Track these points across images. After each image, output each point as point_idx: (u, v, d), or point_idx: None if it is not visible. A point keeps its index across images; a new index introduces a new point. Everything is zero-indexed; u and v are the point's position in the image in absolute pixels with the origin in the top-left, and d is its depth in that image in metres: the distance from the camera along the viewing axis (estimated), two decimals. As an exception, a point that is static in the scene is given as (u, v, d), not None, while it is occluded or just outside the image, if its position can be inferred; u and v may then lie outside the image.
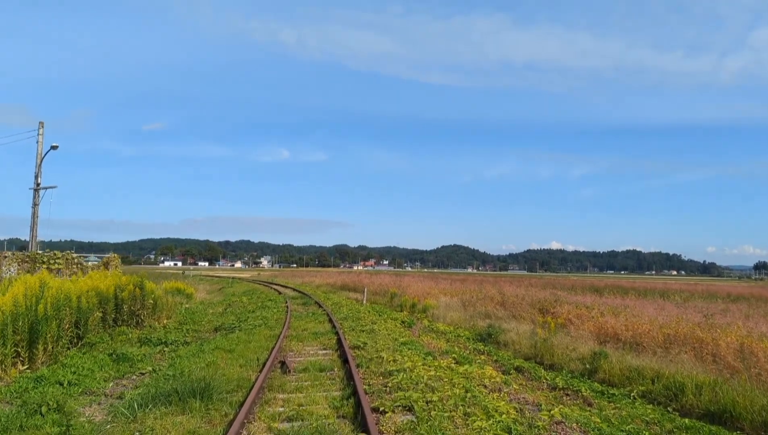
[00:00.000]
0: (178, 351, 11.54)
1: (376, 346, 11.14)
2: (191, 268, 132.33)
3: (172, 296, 23.65)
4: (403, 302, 32.40)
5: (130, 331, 13.51)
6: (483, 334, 20.27)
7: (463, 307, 28.22)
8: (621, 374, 13.37)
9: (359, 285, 49.18)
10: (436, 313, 26.97)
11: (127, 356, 10.26)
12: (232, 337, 12.92)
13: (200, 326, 16.39)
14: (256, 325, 14.85)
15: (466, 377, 8.50)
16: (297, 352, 10.90)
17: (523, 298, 26.22)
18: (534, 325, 20.59)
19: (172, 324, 15.99)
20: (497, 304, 26.89)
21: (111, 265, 24.55)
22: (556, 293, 27.05)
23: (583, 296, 29.94)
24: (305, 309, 21.88)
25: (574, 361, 15.37)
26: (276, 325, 15.09)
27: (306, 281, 60.53)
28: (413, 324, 17.15)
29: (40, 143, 29.21)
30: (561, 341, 16.87)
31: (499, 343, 19.13)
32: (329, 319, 16.35)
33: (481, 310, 25.77)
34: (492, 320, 23.25)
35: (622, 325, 17.67)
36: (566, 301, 23.59)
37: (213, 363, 9.24)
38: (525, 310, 23.08)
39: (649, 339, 16.17)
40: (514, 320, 21.92)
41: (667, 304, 25.99)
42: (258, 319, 16.53)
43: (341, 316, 17.09)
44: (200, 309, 21.53)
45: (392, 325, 16.39)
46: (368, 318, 17.16)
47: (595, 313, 20.80)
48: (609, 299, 28.68)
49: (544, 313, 22.37)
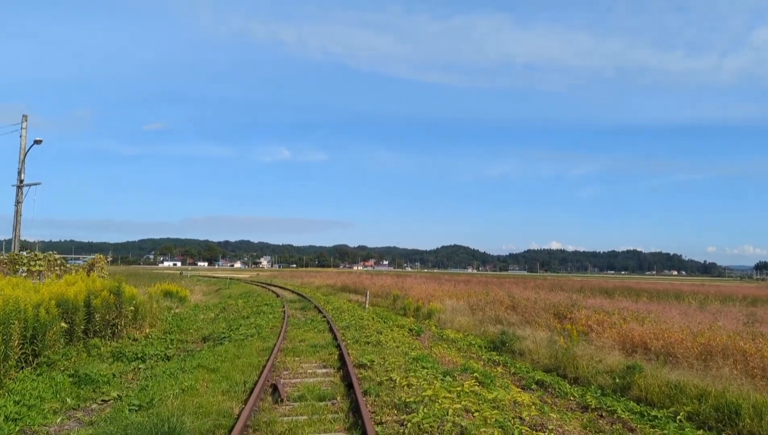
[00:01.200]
0: (155, 369, 10.00)
1: (384, 363, 9.58)
2: (189, 269, 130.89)
3: (161, 301, 22.10)
4: (406, 305, 30.87)
5: (104, 344, 11.93)
6: (496, 341, 18.74)
7: (471, 312, 26.68)
8: (660, 392, 11.83)
9: (360, 286, 47.62)
10: (442, 318, 25.43)
11: (90, 377, 8.69)
12: (219, 350, 11.38)
13: (187, 335, 14.84)
14: (248, 335, 13.29)
15: (498, 407, 6.99)
16: (292, 371, 9.33)
17: (536, 301, 24.68)
18: (551, 332, 19.06)
19: (156, 333, 14.41)
20: (507, 308, 25.35)
21: (96, 267, 23.00)
22: (571, 297, 25.46)
23: (595, 299, 28.37)
24: (303, 314, 20.36)
25: (602, 374, 13.84)
26: (270, 335, 13.56)
27: (305, 282, 58.91)
28: (421, 332, 15.63)
29: (23, 137, 27.67)
30: (584, 351, 15.35)
31: (514, 352, 17.60)
32: (330, 328, 14.82)
33: (490, 315, 24.25)
34: (504, 326, 21.71)
35: (650, 333, 16.13)
36: (583, 305, 22.02)
37: (191, 388, 7.70)
38: (539, 316, 21.55)
39: (683, 349, 14.62)
40: (528, 326, 20.39)
41: (689, 308, 24.43)
42: (251, 327, 14.99)
43: (343, 325, 15.58)
44: (191, 314, 19.96)
45: (399, 335, 14.81)
46: (372, 326, 15.60)
47: (616, 319, 19.26)
48: (624, 302, 27.15)
49: (561, 318, 20.83)
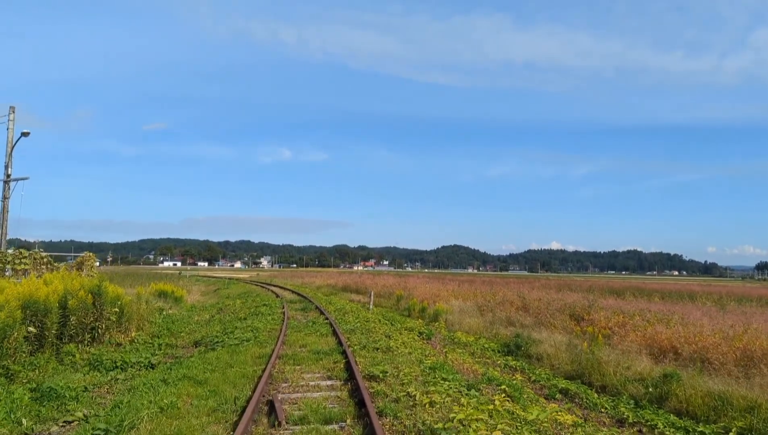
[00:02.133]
0: (135, 380, 8.77)
1: (398, 374, 8.35)
2: (188, 269, 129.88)
3: (154, 301, 20.86)
4: (411, 306, 29.65)
5: (81, 351, 10.69)
6: (510, 345, 17.52)
7: (479, 313, 25.45)
8: (703, 403, 10.61)
9: (361, 286, 46.43)
10: (450, 319, 24.20)
11: (56, 392, 7.45)
12: (210, 357, 10.14)
13: (177, 340, 13.60)
14: (244, 340, 12.04)
15: (539, 431, 5.76)
16: (292, 384, 8.08)
17: (548, 302, 23.43)
18: (569, 335, 17.83)
19: (143, 337, 13.15)
20: (518, 309, 24.12)
21: (86, 266, 21.76)
22: (588, 297, 24.20)
23: (607, 299, 27.10)
24: (304, 316, 19.13)
25: (632, 382, 12.61)
26: (268, 339, 12.32)
27: (306, 282, 57.65)
28: (432, 335, 14.41)
29: (10, 130, 26.41)
30: (609, 356, 14.12)
31: (531, 357, 16.38)
32: (333, 331, 13.58)
33: (501, 316, 23.01)
34: (516, 328, 20.48)
35: (680, 337, 14.90)
36: (600, 306, 20.78)
37: (171, 407, 6.47)
38: (554, 317, 20.30)
39: (718, 355, 13.38)
40: (543, 329, 19.16)
41: (710, 310, 23.19)
42: (248, 330, 13.75)
43: (348, 328, 14.34)
44: (184, 316, 18.71)
45: (409, 339, 13.56)
46: (379, 329, 14.35)
47: (638, 321, 18.04)
48: (640, 303, 25.92)
49: (578, 320, 19.60)
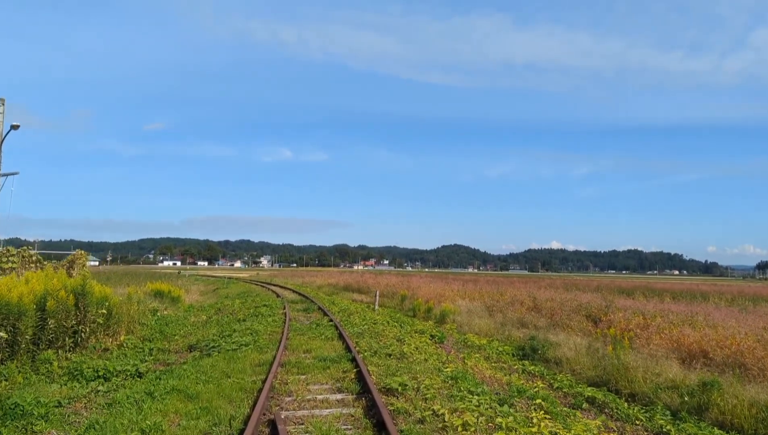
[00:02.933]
0: (118, 392, 7.73)
1: (418, 386, 7.34)
2: (188, 268, 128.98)
3: (148, 301, 19.85)
4: (416, 306, 28.64)
5: (60, 358, 9.67)
6: (525, 348, 16.52)
7: (488, 313, 24.46)
8: (750, 415, 9.62)
9: (363, 286, 45.45)
10: (458, 320, 23.21)
11: (22, 409, 6.40)
12: (205, 364, 9.13)
13: (170, 344, 12.58)
14: (242, 344, 11.02)
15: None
16: (297, 398, 7.08)
17: (562, 302, 22.41)
18: (588, 337, 16.84)
19: (134, 341, 12.10)
20: (529, 309, 23.13)
21: (77, 264, 20.74)
22: (605, 297, 23.18)
23: (620, 300, 26.09)
24: (307, 317, 18.13)
25: (665, 390, 11.62)
26: (269, 343, 11.32)
27: (306, 281, 56.62)
28: (444, 338, 13.40)
29: (0, 123, 25.34)
30: (636, 361, 13.12)
31: (549, 361, 15.38)
32: (339, 335, 12.56)
33: (512, 317, 22.02)
34: (529, 330, 19.49)
35: (710, 340, 13.91)
36: (618, 307, 19.77)
37: (155, 428, 5.48)
38: (570, 318, 19.30)
39: (754, 360, 12.40)
40: (560, 331, 18.17)
41: (729, 310, 22.21)
42: (247, 333, 12.74)
43: (355, 330, 13.31)
44: (180, 317, 17.70)
45: (420, 342, 12.54)
46: (389, 332, 13.33)
47: (661, 323, 17.05)
48: (655, 304, 24.91)
49: (595, 322, 18.62)
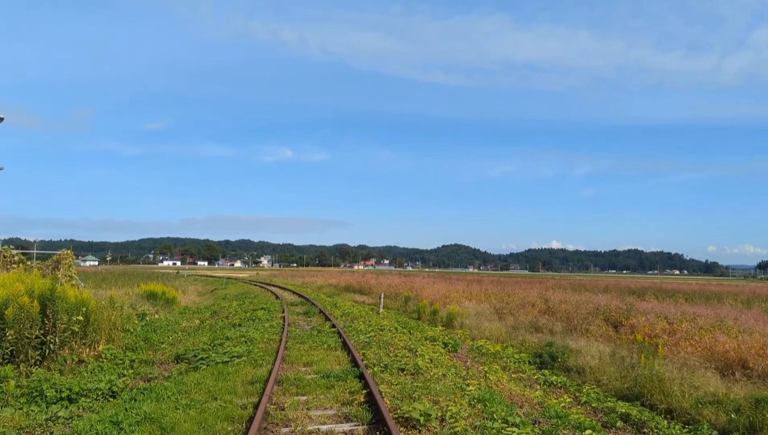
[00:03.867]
0: (81, 419, 6.41)
1: (442, 414, 6.11)
2: (187, 268, 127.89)
3: (139, 304, 18.63)
4: (420, 308, 27.44)
5: (22, 374, 8.41)
6: (543, 355, 15.30)
7: (498, 316, 23.24)
8: (815, 438, 8.42)
9: (365, 286, 44.26)
10: (467, 324, 21.98)
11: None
12: (189, 381, 7.90)
13: (156, 353, 11.33)
14: (234, 355, 9.78)
15: None
16: (296, 430, 5.83)
17: (577, 305, 21.17)
18: (611, 343, 15.63)
19: (114, 351, 10.80)
20: (541, 312, 21.92)
21: (63, 265, 19.52)
22: (625, 299, 21.94)
23: (636, 301, 24.86)
24: (307, 322, 16.93)
25: (706, 405, 10.40)
26: (265, 354, 10.10)
27: (307, 282, 55.41)
28: (457, 346, 12.19)
29: (-16, 116, 24.05)
30: (671, 372, 11.90)
31: (570, 370, 14.16)
32: (343, 343, 11.33)
33: (524, 321, 20.81)
34: (544, 335, 18.28)
35: (749, 348, 12.71)
36: (639, 310, 18.54)
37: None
38: (589, 322, 18.07)
39: (803, 370, 11.21)
40: (579, 336, 16.96)
41: (755, 313, 20.96)
42: (241, 341, 11.52)
43: (361, 339, 12.04)
44: (171, 322, 16.47)
45: (434, 352, 11.28)
46: (399, 340, 12.08)
47: (687, 328, 15.84)
48: (675, 306, 23.66)
49: (616, 326, 17.40)
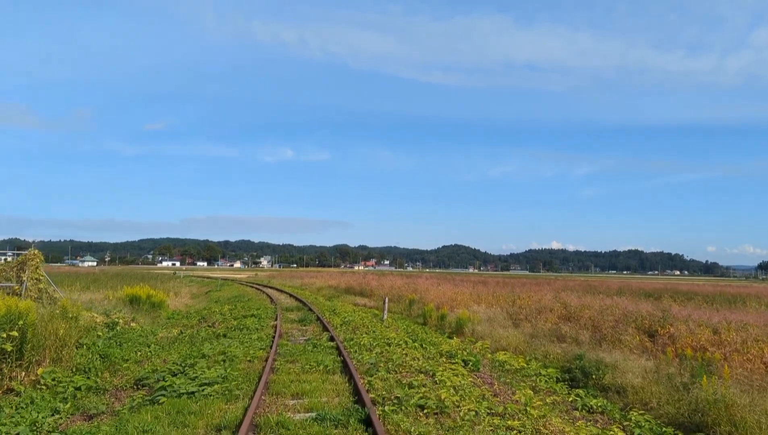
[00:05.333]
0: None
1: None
2: (184, 269, 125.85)
3: (118, 311, 16.62)
4: (426, 312, 25.45)
5: None
6: (573, 370, 13.28)
7: (512, 322, 21.22)
8: None
9: (366, 288, 42.23)
10: (479, 331, 19.96)
11: None
12: (137, 425, 5.85)
13: (113, 377, 9.20)
14: (205, 383, 7.61)
15: None
16: None
17: (601, 311, 19.14)
18: (651, 356, 13.61)
19: (58, 374, 8.65)
20: (561, 318, 19.91)
21: (29, 266, 17.48)
22: (659, 304, 19.89)
23: (675, 307, 22.86)
24: (302, 332, 14.94)
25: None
26: (245, 380, 8.04)
27: (306, 283, 53.33)
28: (479, 363, 10.19)
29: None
30: (740, 396, 9.89)
31: (607, 390, 12.14)
32: (343, 364, 9.18)
33: (543, 328, 18.77)
34: (569, 345, 16.25)
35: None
36: (676, 316, 16.51)
37: None
38: (618, 330, 16.03)
39: None
40: (610, 347, 14.93)
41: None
42: (219, 360, 9.46)
43: (365, 358, 9.82)
44: (146, 331, 14.41)
45: (454, 373, 9.13)
46: (411, 359, 9.91)
47: (736, 338, 13.84)
48: (707, 312, 21.64)
49: (651, 335, 15.39)
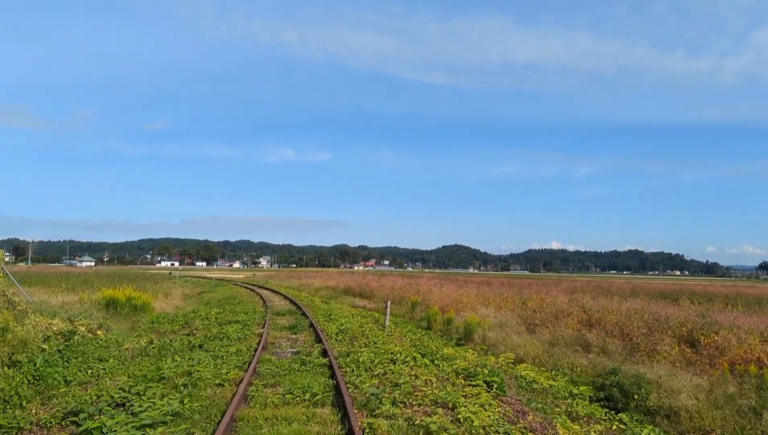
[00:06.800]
0: None
1: None
2: (180, 269, 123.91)
3: (86, 316, 14.70)
4: (430, 316, 23.53)
5: None
6: (608, 388, 11.34)
7: (526, 328, 19.27)
8: None
9: (366, 289, 40.26)
10: (491, 338, 18.02)
11: None
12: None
13: (41, 408, 7.08)
14: (148, 423, 5.44)
15: None
16: None
17: (628, 315, 17.17)
18: (698, 370, 11.66)
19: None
20: (581, 323, 17.97)
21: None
22: (700, 310, 17.88)
23: (718, 313, 20.92)
24: (291, 343, 13.00)
25: None
26: (203, 418, 5.95)
27: (304, 283, 51.34)
28: (503, 385, 8.26)
29: None
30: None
31: (654, 413, 10.20)
32: (336, 393, 7.12)
33: (563, 335, 16.81)
34: (597, 356, 14.31)
35: None
36: (721, 323, 14.53)
37: None
38: (652, 339, 14.08)
39: None
40: (645, 358, 12.99)
41: None
42: (180, 385, 7.34)
43: (364, 383, 7.40)
44: (111, 341, 12.47)
45: (479, 403, 7.04)
46: (422, 382, 7.86)
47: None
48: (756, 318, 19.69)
49: (693, 344, 13.44)
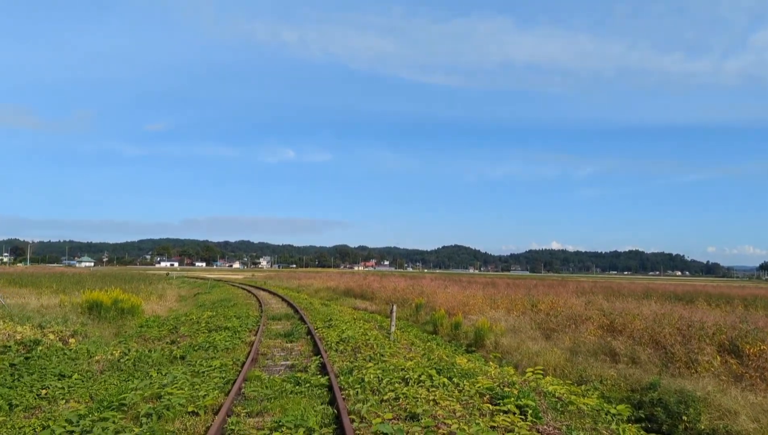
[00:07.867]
0: None
1: None
2: (177, 269, 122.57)
3: (47, 323, 13.28)
4: (436, 320, 22.14)
5: None
6: (648, 405, 9.91)
7: (542, 333, 17.84)
8: None
9: (367, 290, 38.88)
10: (504, 345, 16.59)
11: None
12: None
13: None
14: None
15: None
16: None
17: (657, 320, 15.72)
18: (751, 385, 10.24)
19: None
20: (603, 329, 16.55)
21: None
22: (741, 314, 16.42)
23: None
24: (286, 353, 11.56)
25: None
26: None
27: (303, 284, 49.94)
28: (539, 412, 6.84)
29: None
30: None
31: (705, 436, 8.77)
32: (337, 427, 5.66)
33: (585, 342, 15.38)
34: (627, 366, 12.87)
35: None
36: (763, 329, 13.08)
37: None
38: (689, 347, 12.64)
39: None
40: (681, 369, 11.56)
41: None
42: (142, 415, 5.90)
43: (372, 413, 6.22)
44: (81, 352, 11.00)
45: None
46: (443, 410, 6.32)
47: None
48: None
49: (737, 353, 12.01)
